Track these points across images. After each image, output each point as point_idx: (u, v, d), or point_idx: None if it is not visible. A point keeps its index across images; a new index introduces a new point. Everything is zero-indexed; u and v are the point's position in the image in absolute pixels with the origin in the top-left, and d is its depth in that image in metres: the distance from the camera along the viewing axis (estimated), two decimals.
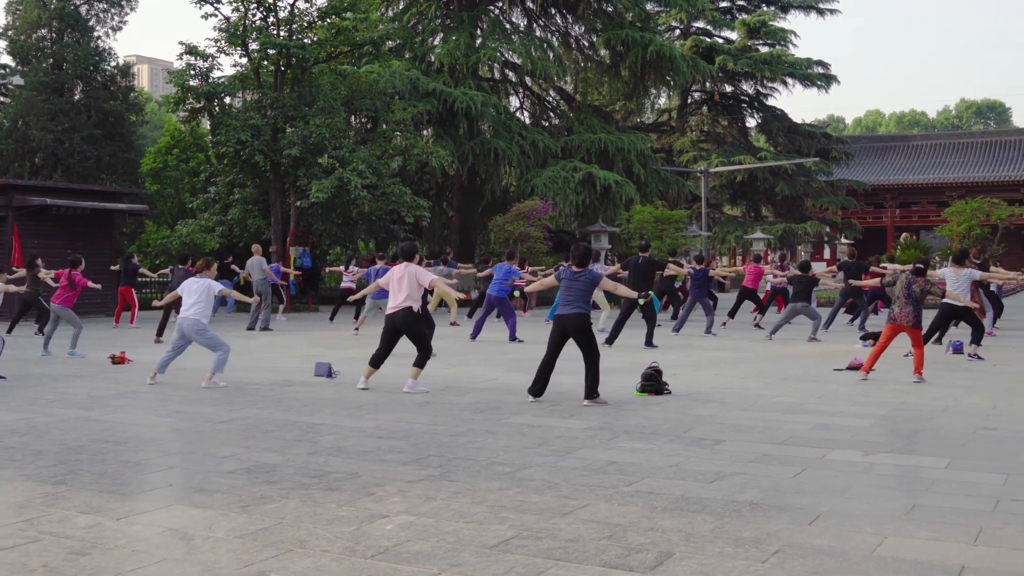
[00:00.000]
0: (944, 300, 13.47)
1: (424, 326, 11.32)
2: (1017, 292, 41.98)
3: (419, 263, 11.47)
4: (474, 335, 17.92)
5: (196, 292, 11.46)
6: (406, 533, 5.22)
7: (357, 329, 19.16)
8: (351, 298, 14.68)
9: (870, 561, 4.75)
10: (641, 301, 11.04)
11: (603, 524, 5.40)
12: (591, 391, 9.90)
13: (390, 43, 32.79)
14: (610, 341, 16.48)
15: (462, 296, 12.26)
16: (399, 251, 11.61)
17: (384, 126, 29.75)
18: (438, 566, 4.68)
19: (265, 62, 27.61)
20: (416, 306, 10.95)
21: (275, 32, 27.05)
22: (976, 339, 14.54)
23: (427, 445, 7.72)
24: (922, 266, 12.18)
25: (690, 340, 17.98)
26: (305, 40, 27.37)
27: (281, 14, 27.23)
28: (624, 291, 11.06)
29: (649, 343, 16.37)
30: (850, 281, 17.54)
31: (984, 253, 35.43)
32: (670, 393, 10.64)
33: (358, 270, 23.50)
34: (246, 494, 6.07)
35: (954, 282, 14.65)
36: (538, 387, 10.15)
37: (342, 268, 25.15)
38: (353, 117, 31.30)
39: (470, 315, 23.10)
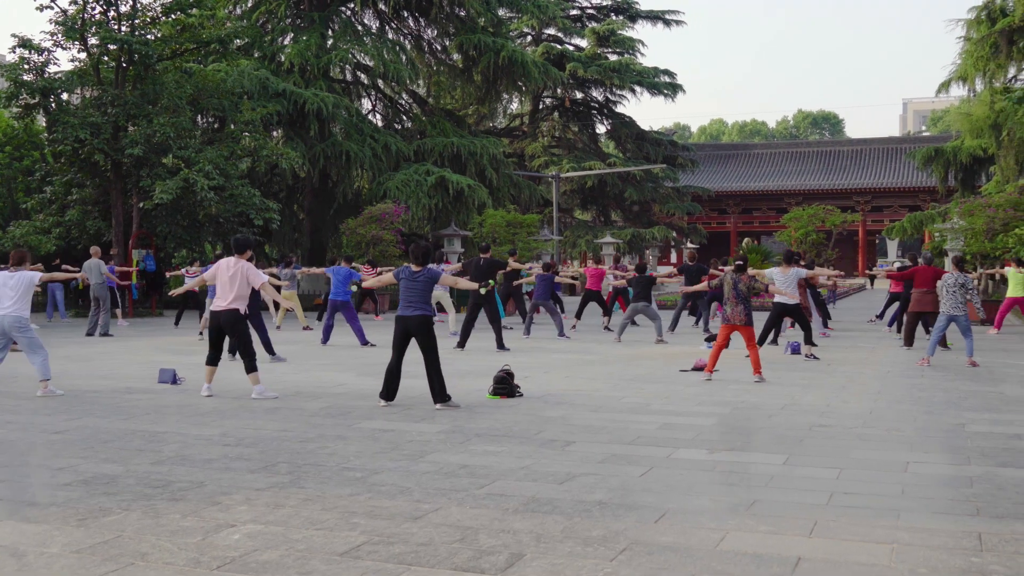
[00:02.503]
0: (775, 300, 14.24)
1: (247, 328, 10.99)
2: (850, 294, 44.09)
3: (252, 260, 11.14)
4: (324, 340, 17.68)
5: (14, 287, 10.63)
6: (254, 542, 5.10)
7: (202, 333, 18.65)
8: (173, 292, 14.20)
9: (713, 556, 4.90)
10: (482, 291, 11.10)
11: (455, 527, 5.40)
12: (440, 394, 9.88)
13: (238, 42, 31.99)
14: (461, 345, 16.52)
15: (287, 306, 11.84)
16: (231, 243, 11.18)
17: (232, 126, 29.02)
18: (287, 575, 4.59)
19: (105, 58, 26.57)
20: (243, 307, 10.68)
21: (116, 27, 26.07)
22: (807, 339, 15.20)
23: (276, 452, 7.57)
24: (742, 263, 12.67)
25: (541, 343, 18.19)
26: (148, 36, 26.46)
27: (123, 8, 26.27)
28: (465, 283, 11.04)
29: (501, 346, 16.47)
30: (680, 288, 18.10)
31: (819, 257, 37.05)
32: (521, 395, 10.73)
33: (198, 270, 22.88)
34: (83, 507, 5.82)
35: (782, 281, 15.30)
36: (389, 391, 10.08)
37: (184, 271, 24.41)
38: (199, 116, 30.42)
39: (319, 318, 22.79)
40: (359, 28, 36.28)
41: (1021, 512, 5.75)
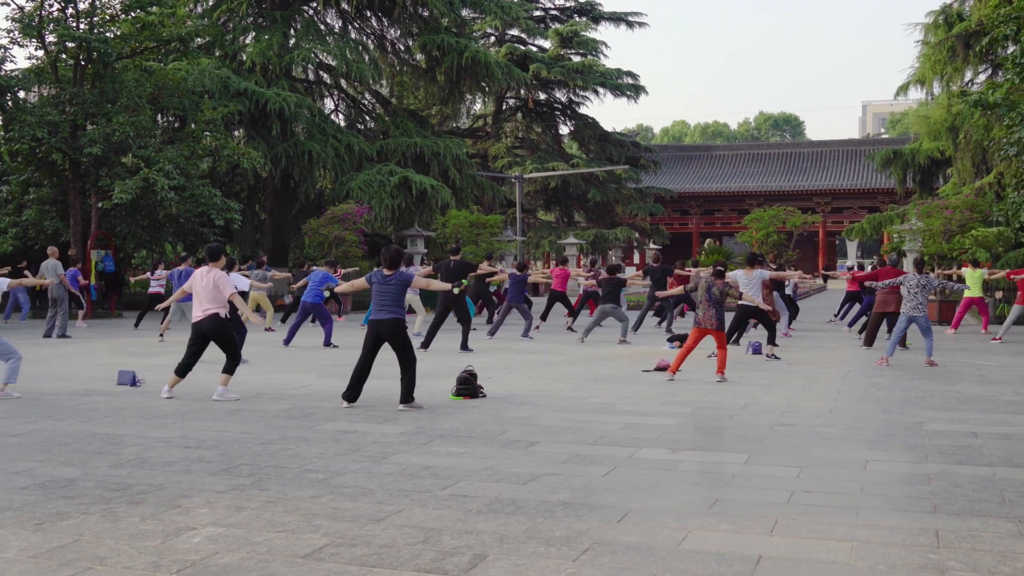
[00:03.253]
0: (740, 302, 14.35)
1: (233, 332, 10.98)
2: (811, 294, 44.51)
3: (230, 267, 11.08)
4: (287, 341, 17.59)
5: None
6: (215, 545, 5.06)
7: (162, 335, 18.49)
8: (159, 306, 13.99)
9: (675, 555, 4.92)
10: (455, 291, 11.09)
11: (417, 528, 5.39)
12: (407, 396, 9.86)
13: (199, 40, 31.74)
14: (425, 345, 16.49)
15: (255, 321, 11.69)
16: (205, 253, 11.16)
17: (193, 126, 28.77)
18: None
19: (63, 55, 26.24)
20: (224, 311, 10.62)
21: (74, 24, 25.75)
22: (771, 339, 15.32)
23: (237, 454, 7.51)
24: (721, 268, 12.78)
25: (505, 344, 18.19)
26: (107, 34, 26.18)
27: (81, 5, 25.93)
28: (437, 284, 11.00)
29: (465, 347, 16.46)
30: (657, 293, 18.17)
31: (780, 258, 37.38)
32: (485, 396, 10.72)
33: (164, 273, 22.66)
34: (40, 511, 5.75)
35: (746, 283, 15.41)
36: (352, 393, 10.03)
37: (148, 273, 24.15)
38: (159, 116, 30.14)
39: (283, 320, 22.66)
40: (322, 27, 36.13)
41: (977, 509, 5.83)
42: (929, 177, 43.47)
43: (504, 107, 55.85)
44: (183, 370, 10.72)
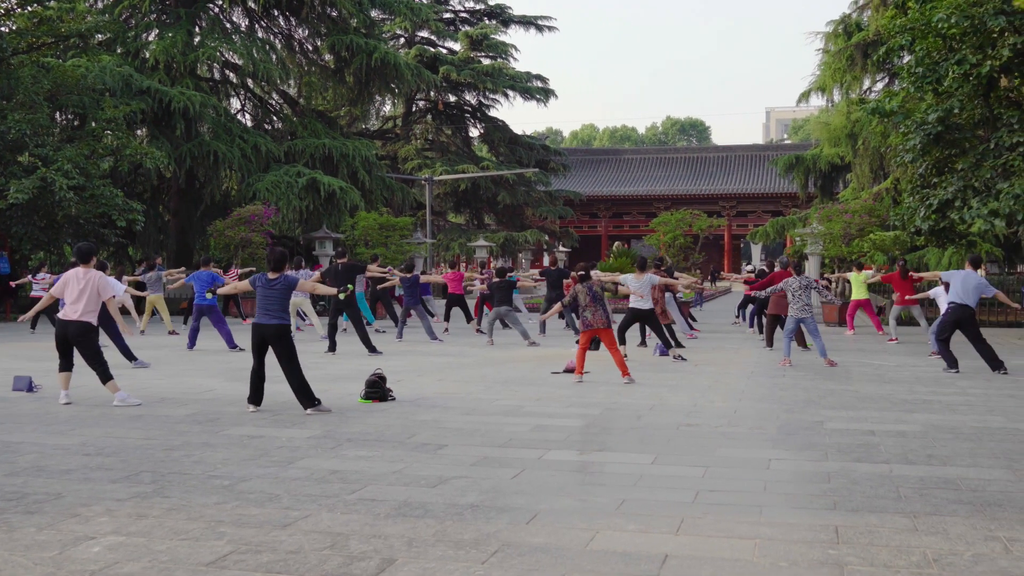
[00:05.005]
0: (630, 305, 14.69)
1: (97, 344, 10.55)
2: (716, 296, 45.29)
3: (102, 269, 10.77)
4: (190, 344, 17.26)
5: None
6: (115, 555, 4.93)
7: (143, 331, 18.02)
8: (21, 318, 13.25)
9: (583, 555, 4.96)
10: (341, 296, 11.00)
11: (325, 534, 5.33)
12: (308, 399, 9.73)
13: (100, 36, 30.96)
14: (331, 349, 16.35)
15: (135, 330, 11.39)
16: (75, 254, 10.71)
17: (93, 124, 28.04)
18: None
19: None
20: (94, 319, 10.31)
21: None
22: (665, 343, 15.56)
23: (139, 461, 7.34)
24: (584, 273, 12.87)
25: (414, 346, 18.12)
26: (2, 28, 25.37)
27: None
28: (324, 289, 10.84)
29: (372, 350, 16.28)
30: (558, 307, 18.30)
31: (687, 261, 37.95)
32: (394, 399, 10.67)
33: (49, 276, 22.01)
34: None
35: (636, 286, 15.53)
36: (255, 396, 9.88)
37: (29, 276, 23.40)
38: (58, 113, 29.31)
39: (185, 322, 22.22)
40: (228, 26, 35.54)
41: (874, 505, 6.00)
42: (830, 182, 44.69)
43: (414, 109, 55.68)
44: (64, 367, 10.42)
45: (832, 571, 4.73)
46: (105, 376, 10.33)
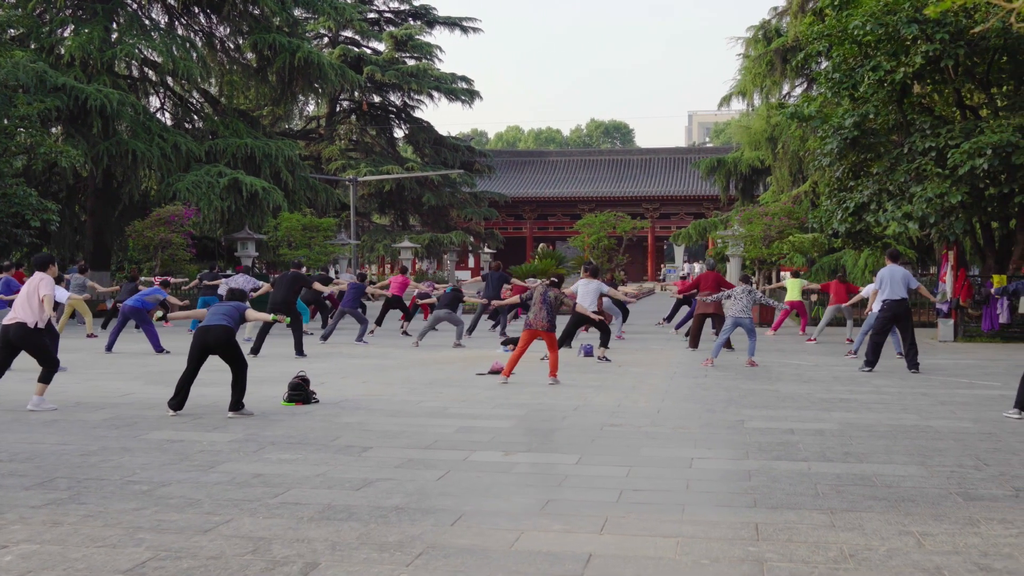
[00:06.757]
0: (576, 310, 14.77)
1: (44, 338, 10.42)
2: (639, 298, 45.71)
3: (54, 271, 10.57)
4: (109, 347, 16.90)
5: None
6: (28, 563, 4.80)
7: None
8: None
9: (508, 556, 4.97)
10: (272, 319, 10.80)
11: (247, 539, 5.26)
12: (237, 403, 9.63)
13: (12, 31, 30.14)
14: (255, 351, 16.15)
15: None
16: (34, 263, 10.65)
17: (6, 122, 27.26)
18: None
19: None
20: (31, 321, 10.10)
21: None
22: (604, 342, 15.67)
23: (54, 466, 7.15)
24: (557, 281, 13.15)
25: (338, 348, 17.98)
26: None
27: None
28: (256, 315, 10.41)
29: (299, 352, 16.16)
30: (492, 302, 18.33)
31: (611, 262, 38.25)
32: (318, 402, 10.57)
33: None
34: None
35: (584, 293, 15.66)
36: (178, 400, 9.71)
37: None
38: None
39: (104, 326, 21.73)
40: (146, 22, 34.88)
41: (793, 502, 6.12)
42: (751, 185, 45.41)
43: (338, 109, 55.27)
44: None
45: (752, 568, 4.81)
46: (47, 377, 10.15)
